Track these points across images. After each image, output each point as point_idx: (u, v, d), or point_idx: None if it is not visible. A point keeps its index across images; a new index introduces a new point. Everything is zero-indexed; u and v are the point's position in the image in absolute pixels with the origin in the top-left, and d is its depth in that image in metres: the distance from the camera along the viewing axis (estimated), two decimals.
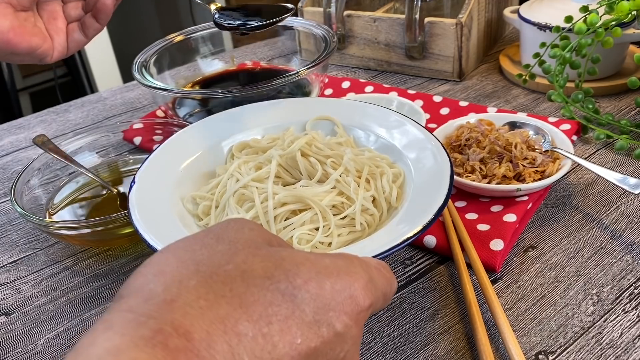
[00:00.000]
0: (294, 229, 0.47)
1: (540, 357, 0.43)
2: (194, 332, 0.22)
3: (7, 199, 0.70)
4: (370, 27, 0.88)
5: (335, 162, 0.51)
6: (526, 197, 0.56)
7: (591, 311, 0.46)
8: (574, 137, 0.66)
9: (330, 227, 0.47)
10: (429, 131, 0.54)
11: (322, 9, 0.90)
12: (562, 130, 0.62)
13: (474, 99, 0.80)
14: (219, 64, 0.85)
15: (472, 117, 0.65)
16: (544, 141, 0.61)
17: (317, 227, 0.47)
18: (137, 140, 0.73)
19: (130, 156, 0.71)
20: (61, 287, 0.55)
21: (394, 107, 0.71)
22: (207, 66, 0.84)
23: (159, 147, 0.56)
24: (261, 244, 0.28)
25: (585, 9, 0.68)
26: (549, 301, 0.47)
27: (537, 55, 0.74)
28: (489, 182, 0.57)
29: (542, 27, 0.77)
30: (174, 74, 0.81)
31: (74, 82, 2.11)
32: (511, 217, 0.53)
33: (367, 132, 0.58)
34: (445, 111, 0.74)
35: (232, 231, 0.29)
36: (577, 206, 0.58)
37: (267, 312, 0.24)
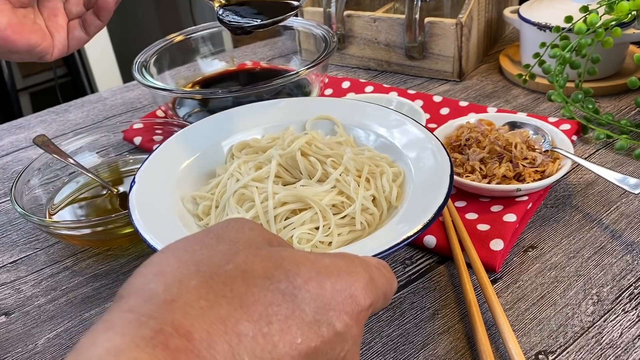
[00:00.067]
0: (294, 229, 0.47)
1: (540, 357, 0.43)
2: (194, 332, 0.22)
3: (7, 199, 0.70)
4: (370, 27, 0.88)
5: (335, 161, 0.51)
6: (526, 197, 0.56)
7: (591, 311, 0.46)
8: (574, 137, 0.66)
9: (330, 226, 0.47)
10: (429, 131, 0.54)
11: (322, 9, 0.90)
12: (562, 130, 0.62)
13: (474, 99, 0.80)
14: (219, 64, 0.85)
15: (472, 117, 0.65)
16: (544, 141, 0.61)
17: (317, 227, 0.47)
18: (137, 140, 0.73)
19: (130, 156, 0.71)
20: (61, 287, 0.55)
21: (394, 107, 0.71)
22: (207, 66, 0.84)
23: (159, 147, 0.56)
24: (261, 244, 0.28)
25: (585, 9, 0.68)
26: (549, 301, 0.47)
27: (537, 55, 0.74)
28: (489, 182, 0.57)
29: (542, 27, 0.77)
30: (174, 74, 0.81)
31: (74, 82, 2.11)
32: (511, 217, 0.53)
33: (367, 132, 0.58)
34: (445, 111, 0.74)
35: (233, 231, 0.29)
36: (577, 206, 0.58)
37: (268, 312, 0.24)
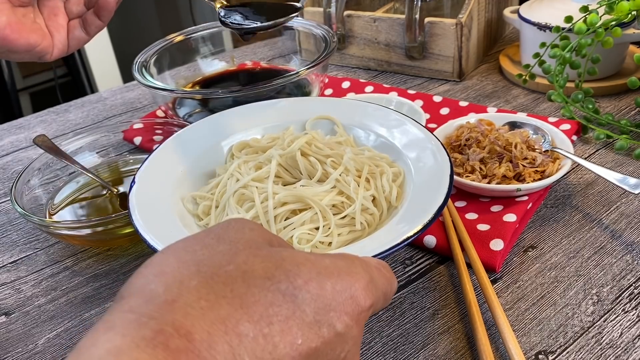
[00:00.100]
0: (294, 229, 0.47)
1: (540, 357, 0.43)
2: (194, 333, 0.22)
3: (7, 199, 0.70)
4: (370, 27, 0.88)
5: (335, 161, 0.51)
6: (526, 197, 0.56)
7: (591, 311, 0.46)
8: (574, 137, 0.66)
9: (330, 226, 0.47)
10: (429, 131, 0.54)
11: (322, 9, 0.90)
12: (562, 130, 0.62)
13: (474, 99, 0.80)
14: (219, 64, 0.85)
15: (472, 117, 0.65)
16: (544, 141, 0.61)
17: (317, 227, 0.47)
18: (137, 140, 0.73)
19: (130, 156, 0.71)
20: (61, 287, 0.55)
21: (394, 107, 0.71)
22: (207, 66, 0.84)
23: (159, 147, 0.56)
24: (262, 244, 0.28)
25: (585, 9, 0.68)
26: (549, 301, 0.47)
27: (537, 55, 0.74)
28: (489, 182, 0.57)
29: (542, 27, 0.77)
30: (174, 74, 0.81)
31: (74, 82, 2.11)
32: (511, 217, 0.53)
33: (367, 132, 0.58)
34: (445, 111, 0.74)
35: (233, 231, 0.29)
36: (577, 206, 0.58)
37: (268, 313, 0.24)
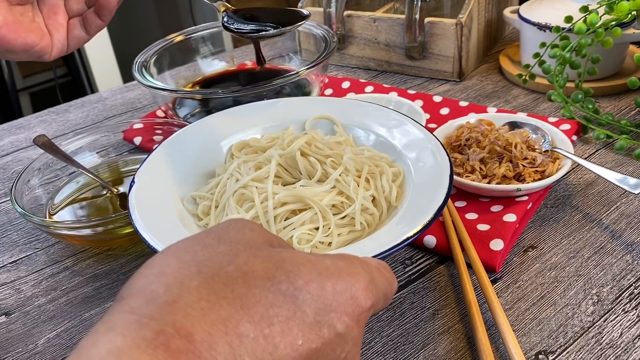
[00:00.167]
0: (294, 229, 0.47)
1: (540, 357, 0.43)
2: (195, 334, 0.22)
3: (7, 199, 0.70)
4: (370, 27, 0.88)
5: (334, 161, 0.51)
6: (526, 197, 0.56)
7: (591, 311, 0.46)
8: (574, 137, 0.66)
9: (330, 226, 0.47)
10: (429, 131, 0.54)
11: (322, 9, 0.90)
12: (562, 130, 0.62)
13: (474, 99, 0.80)
14: (219, 64, 0.85)
15: (472, 117, 0.65)
16: (544, 141, 0.61)
17: (317, 227, 0.47)
18: (137, 140, 0.73)
19: (130, 156, 0.71)
20: (61, 287, 0.55)
21: (393, 107, 0.71)
22: (207, 66, 0.84)
23: (158, 147, 0.56)
24: (262, 245, 0.28)
25: (585, 9, 0.68)
26: (549, 301, 0.47)
27: (537, 55, 0.74)
28: (489, 182, 0.57)
29: (542, 27, 0.77)
30: (174, 74, 0.81)
31: (74, 82, 2.11)
32: (511, 217, 0.53)
33: (367, 132, 0.58)
34: (445, 111, 0.74)
35: (233, 232, 0.29)
36: (577, 206, 0.58)
37: (269, 313, 0.24)
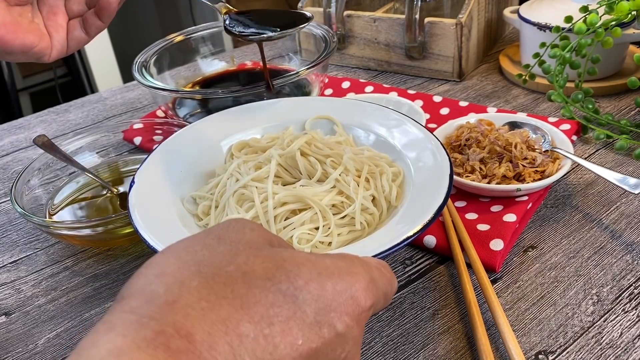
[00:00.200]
0: (294, 229, 0.47)
1: (540, 357, 0.43)
2: (195, 334, 0.22)
3: (7, 199, 0.70)
4: (370, 27, 0.88)
5: (334, 161, 0.51)
6: (526, 197, 0.56)
7: (591, 311, 0.46)
8: (574, 137, 0.66)
9: (330, 226, 0.47)
10: (429, 131, 0.54)
11: (322, 9, 0.90)
12: (562, 130, 0.62)
13: (474, 99, 0.80)
14: (219, 64, 0.85)
15: (472, 117, 0.65)
16: (543, 141, 0.61)
17: (317, 227, 0.47)
18: (137, 140, 0.73)
19: (130, 156, 0.71)
20: (61, 287, 0.55)
21: (393, 107, 0.71)
22: (207, 66, 0.84)
23: (158, 147, 0.56)
24: (262, 245, 0.28)
25: (585, 9, 0.68)
26: (548, 301, 0.47)
27: (537, 55, 0.74)
28: (489, 182, 0.57)
29: (542, 27, 0.77)
30: (174, 74, 0.81)
31: (74, 82, 2.11)
32: (511, 217, 0.53)
33: (367, 131, 0.58)
34: (445, 111, 0.74)
35: (233, 232, 0.29)
36: (577, 206, 0.58)
37: (269, 313, 0.24)
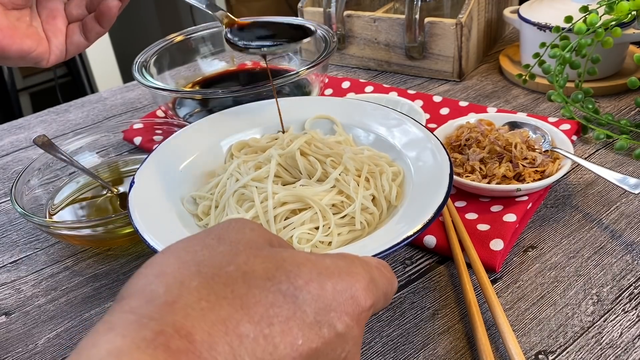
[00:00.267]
0: (294, 229, 0.47)
1: (540, 357, 0.43)
2: (195, 334, 0.22)
3: (7, 199, 0.70)
4: (370, 27, 0.88)
5: (334, 161, 0.51)
6: (526, 197, 0.56)
7: (591, 311, 0.46)
8: (574, 137, 0.66)
9: (330, 226, 0.47)
10: (429, 131, 0.54)
11: (322, 9, 0.90)
12: (562, 130, 0.62)
13: (474, 99, 0.80)
14: (219, 64, 0.85)
15: (472, 117, 0.65)
16: (543, 141, 0.61)
17: (317, 227, 0.47)
18: (137, 140, 0.73)
19: (130, 156, 0.71)
20: (61, 287, 0.55)
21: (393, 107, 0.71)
22: (207, 66, 0.84)
23: (158, 147, 0.56)
24: (262, 245, 0.28)
25: (585, 9, 0.68)
26: (548, 301, 0.47)
27: (537, 55, 0.74)
28: (489, 182, 0.57)
29: (542, 27, 0.77)
30: (174, 74, 0.81)
31: (74, 82, 2.11)
32: (511, 217, 0.53)
33: (367, 131, 0.58)
34: (445, 111, 0.74)
35: (233, 232, 0.29)
36: (577, 206, 0.58)
37: (269, 313, 0.24)
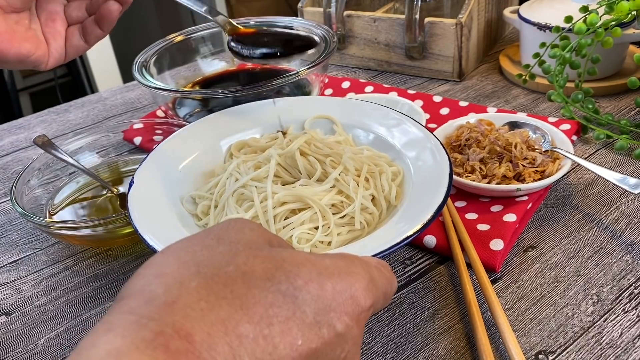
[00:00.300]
0: (293, 229, 0.47)
1: (540, 357, 0.43)
2: (195, 334, 0.22)
3: (7, 199, 0.70)
4: (370, 27, 0.88)
5: (334, 161, 0.51)
6: (526, 197, 0.56)
7: (591, 311, 0.46)
8: (574, 137, 0.66)
9: (329, 226, 0.47)
10: (429, 131, 0.54)
11: (322, 9, 0.90)
12: (562, 130, 0.62)
13: (474, 99, 0.80)
14: (219, 64, 0.85)
15: (472, 117, 0.65)
16: (543, 141, 0.61)
17: (317, 226, 0.47)
18: (137, 140, 0.73)
19: (130, 156, 0.71)
20: (61, 287, 0.55)
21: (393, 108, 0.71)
22: (207, 66, 0.84)
23: (157, 147, 0.56)
24: (262, 245, 0.28)
25: (585, 9, 0.68)
26: (548, 301, 0.47)
27: (537, 55, 0.74)
28: (489, 182, 0.57)
29: (542, 27, 0.77)
30: (174, 74, 0.81)
31: (74, 82, 2.11)
32: (511, 217, 0.53)
33: (366, 131, 0.58)
34: (445, 111, 0.74)
35: (233, 232, 0.29)
36: (577, 206, 0.58)
37: (268, 314, 0.24)
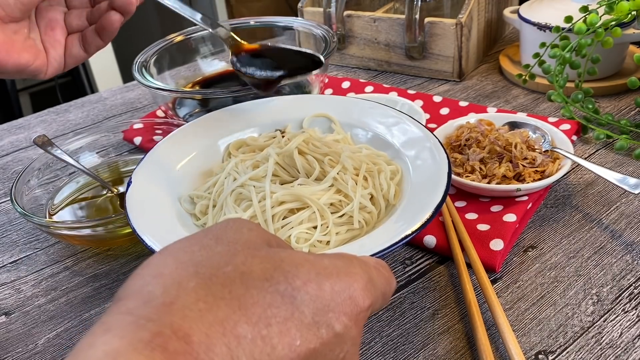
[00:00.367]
0: (292, 228, 0.47)
1: (540, 357, 0.43)
2: (193, 335, 0.22)
3: (7, 199, 0.70)
4: (370, 27, 0.88)
5: (332, 160, 0.51)
6: (526, 197, 0.56)
7: (591, 311, 0.46)
8: (574, 137, 0.66)
9: (328, 225, 0.47)
10: (429, 131, 0.54)
11: (322, 9, 0.90)
12: (562, 130, 0.62)
13: (474, 99, 0.80)
14: (219, 64, 0.85)
15: (472, 117, 0.65)
16: (543, 141, 0.61)
17: (315, 226, 0.47)
18: (137, 140, 0.73)
19: (130, 156, 0.71)
20: (61, 287, 0.55)
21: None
22: (207, 66, 0.84)
23: (155, 147, 0.56)
24: (260, 245, 0.28)
25: (585, 9, 0.68)
26: (548, 301, 0.47)
27: (537, 55, 0.74)
28: (489, 182, 0.57)
29: (542, 27, 0.77)
30: (174, 74, 0.81)
31: (74, 82, 2.11)
32: (511, 217, 0.53)
33: (365, 130, 0.58)
34: (445, 111, 0.74)
35: (231, 232, 0.29)
36: (577, 206, 0.58)
37: (266, 314, 0.24)
